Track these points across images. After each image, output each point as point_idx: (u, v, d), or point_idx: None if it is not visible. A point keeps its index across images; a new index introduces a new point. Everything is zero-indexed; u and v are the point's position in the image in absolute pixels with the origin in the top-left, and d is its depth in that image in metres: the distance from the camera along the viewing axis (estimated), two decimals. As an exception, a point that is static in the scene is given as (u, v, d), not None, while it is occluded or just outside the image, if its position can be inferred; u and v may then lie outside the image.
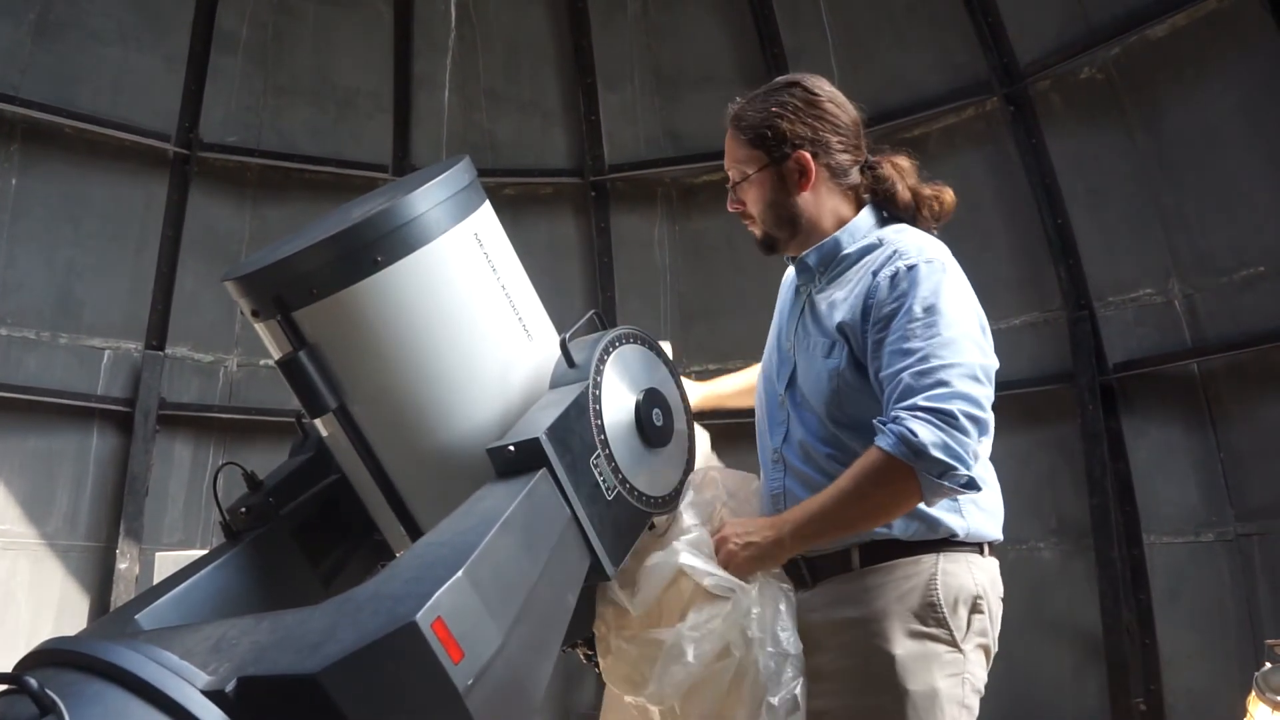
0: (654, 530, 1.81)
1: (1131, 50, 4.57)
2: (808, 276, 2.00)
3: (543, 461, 1.55)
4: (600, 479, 1.65)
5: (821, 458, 1.86)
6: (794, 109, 1.94)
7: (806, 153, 1.93)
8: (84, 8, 5.22)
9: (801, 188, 1.95)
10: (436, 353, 1.66)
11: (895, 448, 1.66)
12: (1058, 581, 4.76)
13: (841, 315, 1.86)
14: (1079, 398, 4.68)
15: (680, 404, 1.92)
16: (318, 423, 1.73)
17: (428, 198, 1.64)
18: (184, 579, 1.65)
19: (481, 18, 5.91)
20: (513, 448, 1.55)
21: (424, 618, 1.17)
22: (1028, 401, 4.82)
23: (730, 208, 2.06)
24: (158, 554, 4.89)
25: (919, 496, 1.70)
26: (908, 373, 1.71)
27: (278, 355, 1.65)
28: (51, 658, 1.23)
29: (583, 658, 1.94)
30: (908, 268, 1.80)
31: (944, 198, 1.98)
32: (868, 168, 1.98)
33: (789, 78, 2.03)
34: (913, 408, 1.67)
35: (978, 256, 4.65)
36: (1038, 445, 4.84)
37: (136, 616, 1.55)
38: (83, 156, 5.24)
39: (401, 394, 1.66)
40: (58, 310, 5.17)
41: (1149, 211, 4.57)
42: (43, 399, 5.03)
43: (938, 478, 1.65)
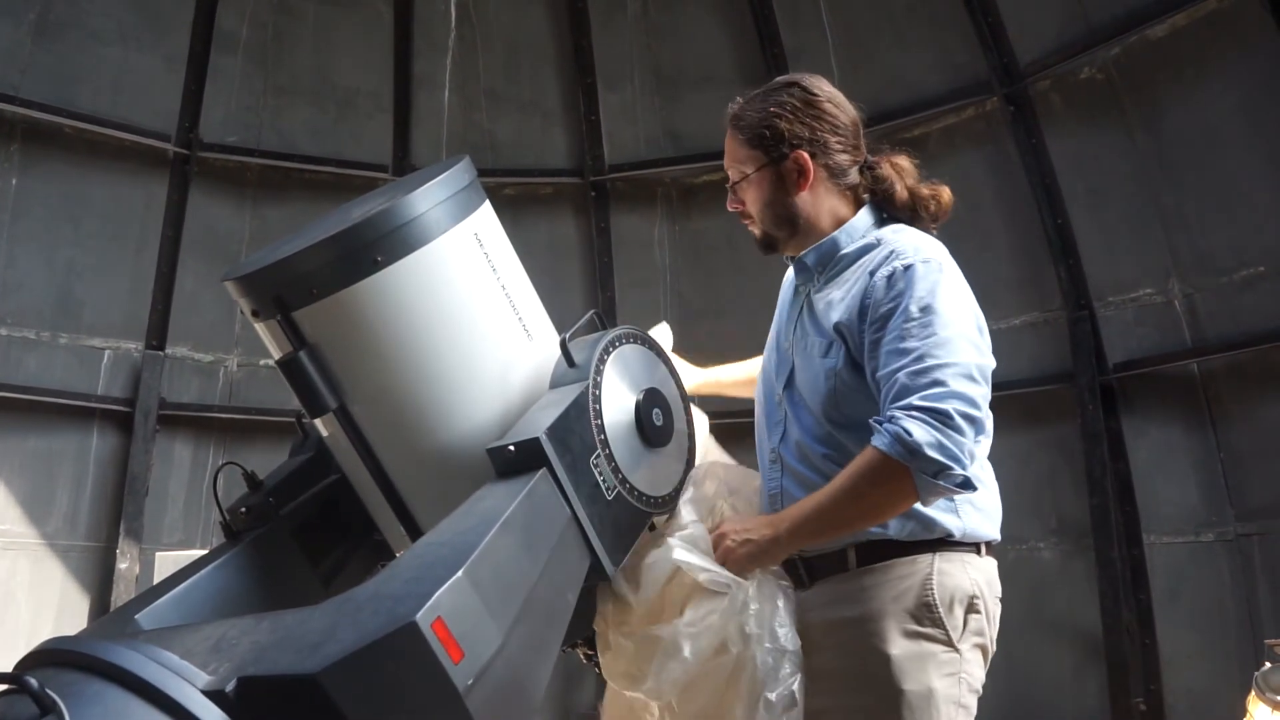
0: (654, 530, 1.81)
1: (1131, 50, 4.57)
2: (806, 276, 2.00)
3: (543, 461, 1.55)
4: (600, 479, 1.65)
5: (818, 458, 1.86)
6: (792, 109, 1.95)
7: (805, 153, 1.93)
8: (84, 8, 5.22)
9: (800, 187, 1.95)
10: (436, 353, 1.66)
11: (891, 447, 1.66)
12: (1058, 581, 4.76)
13: (838, 315, 1.86)
14: (1079, 398, 4.68)
15: (680, 403, 1.92)
16: (318, 423, 1.73)
17: (428, 198, 1.64)
18: (184, 579, 1.65)
19: (481, 18, 5.90)
20: (513, 448, 1.55)
21: (424, 618, 1.17)
22: (1028, 401, 4.82)
23: (730, 207, 2.06)
24: (158, 554, 4.89)
25: (915, 496, 1.70)
26: (903, 372, 1.71)
27: (278, 355, 1.65)
28: (52, 658, 1.23)
29: (583, 658, 1.94)
30: (904, 268, 1.80)
31: (942, 198, 1.98)
32: (867, 168, 1.98)
33: (788, 78, 2.03)
34: (908, 407, 1.67)
35: (978, 256, 4.69)
36: (1038, 445, 4.84)
37: (136, 616, 1.55)
38: (83, 156, 5.24)
39: (401, 394, 1.66)
40: (58, 310, 5.17)
41: (1149, 211, 4.57)
42: (43, 399, 5.03)
43: (933, 477, 1.65)
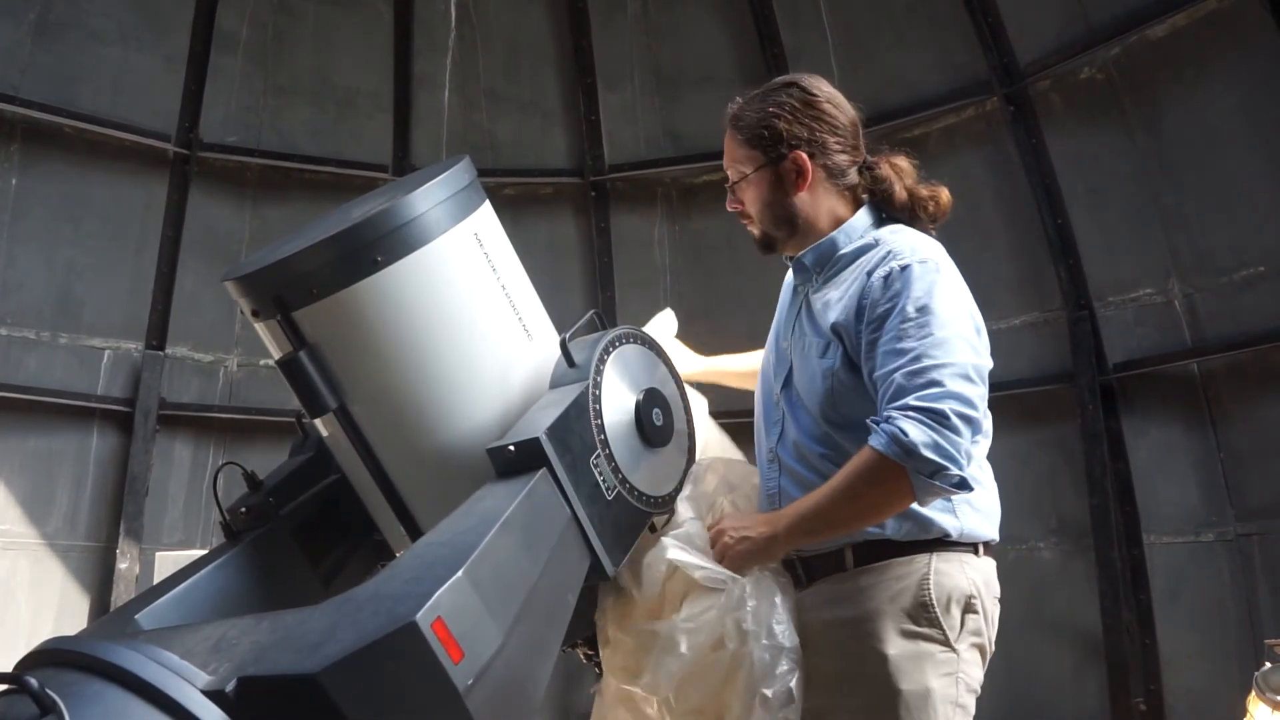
0: (654, 531, 1.81)
1: (1131, 50, 4.56)
2: (804, 276, 2.00)
3: (543, 461, 1.55)
4: (600, 479, 1.65)
5: (815, 457, 1.86)
6: (791, 109, 1.95)
7: (803, 153, 1.93)
8: (84, 8, 5.22)
9: (798, 188, 1.95)
10: (436, 353, 1.66)
11: (887, 447, 1.66)
12: (1058, 581, 4.76)
13: (836, 315, 1.86)
14: (1079, 398, 4.68)
15: (680, 403, 1.92)
16: (318, 423, 1.73)
17: (428, 198, 1.64)
18: (184, 579, 1.65)
19: (481, 18, 5.90)
20: (513, 448, 1.55)
21: (424, 618, 1.17)
22: (1028, 401, 4.82)
23: (729, 207, 2.06)
24: (158, 554, 4.89)
25: (911, 496, 1.70)
26: (900, 373, 1.71)
27: (278, 355, 1.65)
28: (52, 657, 1.23)
29: (583, 657, 1.95)
30: (901, 268, 1.80)
31: (940, 198, 1.98)
32: (866, 168, 1.99)
33: (787, 78, 2.03)
34: (905, 408, 1.67)
35: (978, 256, 4.71)
36: (1038, 445, 4.84)
37: (136, 616, 1.55)
38: (83, 156, 5.23)
39: (401, 394, 1.66)
40: (58, 310, 5.17)
41: (1149, 211, 4.57)
42: (43, 399, 5.03)
43: (929, 477, 1.65)
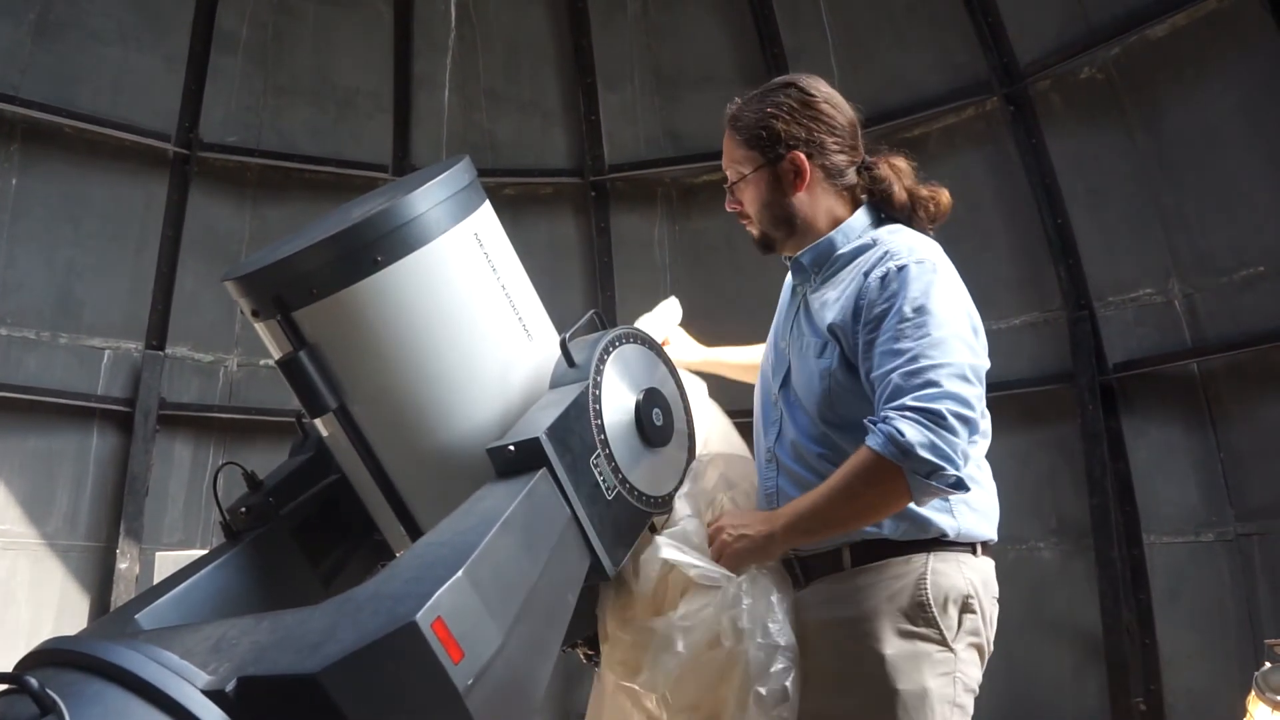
0: (654, 530, 1.81)
1: (1131, 50, 4.56)
2: (803, 276, 2.00)
3: (543, 461, 1.55)
4: (600, 479, 1.65)
5: (813, 457, 1.87)
6: (789, 110, 1.95)
7: (801, 153, 1.93)
8: (84, 8, 5.22)
9: (797, 188, 1.95)
10: (436, 353, 1.66)
11: (884, 447, 1.66)
12: (1058, 581, 4.76)
13: (832, 315, 1.86)
14: (1079, 398, 4.68)
15: (680, 402, 1.92)
16: (318, 423, 1.73)
17: (427, 198, 1.64)
18: (184, 579, 1.65)
19: (481, 18, 5.90)
20: (513, 447, 1.56)
21: (424, 618, 1.17)
22: (1028, 401, 4.82)
23: (728, 208, 2.07)
24: (158, 554, 4.89)
25: (908, 496, 1.70)
26: (897, 373, 1.71)
27: (278, 355, 1.65)
28: (52, 657, 1.23)
29: (583, 657, 1.95)
30: (898, 268, 1.80)
31: (940, 199, 1.98)
32: (864, 168, 1.99)
33: (785, 78, 2.04)
34: (901, 408, 1.68)
35: (978, 256, 4.71)
36: (1038, 445, 4.84)
37: (137, 616, 1.56)
38: (83, 156, 5.23)
39: (401, 394, 1.66)
40: (58, 310, 5.17)
41: (1149, 211, 4.57)
42: (43, 399, 5.03)
43: (926, 477, 1.65)
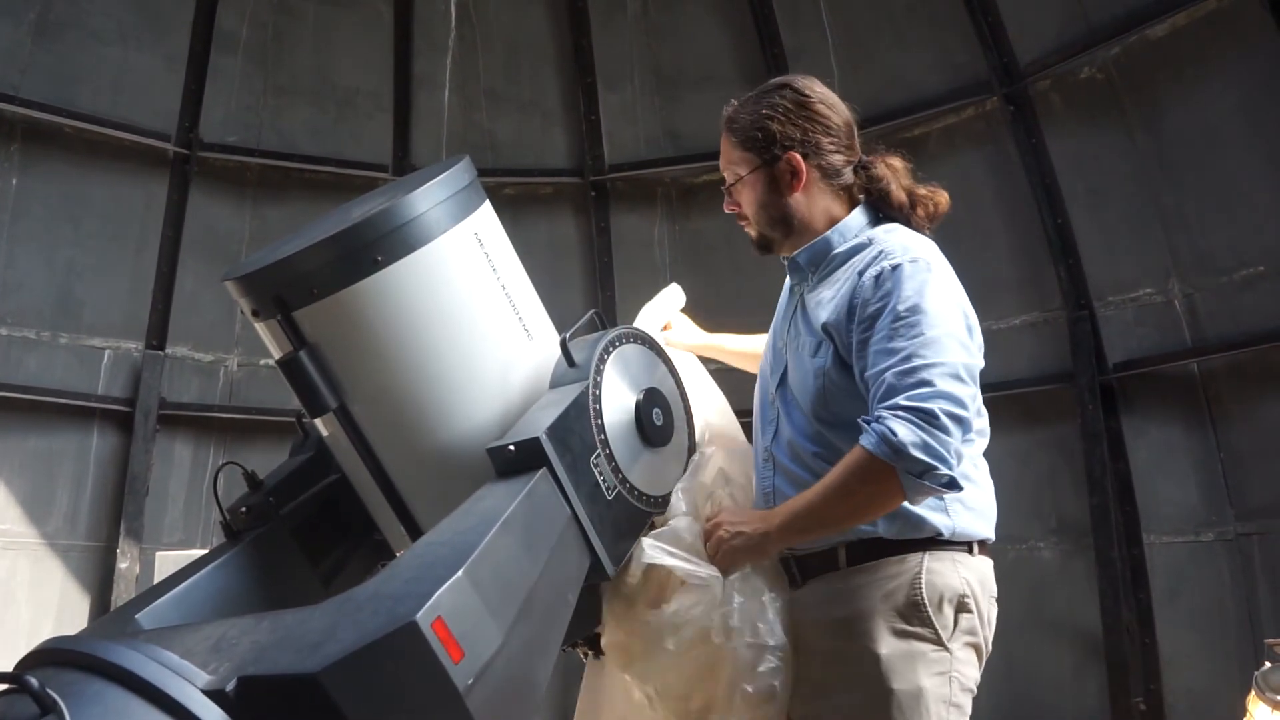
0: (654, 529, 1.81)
1: (1131, 50, 4.56)
2: (800, 276, 2.01)
3: (543, 461, 1.55)
4: (600, 478, 1.65)
5: (809, 456, 1.87)
6: (784, 111, 1.95)
7: (797, 154, 1.94)
8: (84, 8, 5.22)
9: (793, 189, 1.95)
10: (436, 352, 1.66)
11: (877, 447, 1.66)
12: (1058, 581, 4.76)
13: (827, 315, 1.87)
14: (1079, 398, 4.68)
15: (680, 403, 1.92)
16: (318, 422, 1.73)
17: (428, 197, 1.64)
18: (184, 579, 1.66)
19: (481, 18, 5.90)
20: (513, 447, 1.56)
21: (424, 617, 1.17)
22: (1028, 401, 4.82)
23: (726, 209, 2.07)
24: (158, 554, 4.89)
25: (901, 496, 1.70)
26: (890, 372, 1.71)
27: (278, 355, 1.65)
28: (52, 657, 1.23)
29: (583, 657, 1.95)
30: (892, 267, 1.80)
31: (938, 199, 1.99)
32: (861, 168, 1.99)
33: (780, 80, 2.04)
34: (894, 407, 1.68)
35: (978, 256, 4.71)
36: (1038, 445, 4.84)
37: (137, 616, 1.56)
38: (83, 156, 5.23)
39: (401, 394, 1.66)
40: (58, 310, 5.17)
41: (1149, 211, 4.57)
42: (43, 399, 5.03)
43: (918, 477, 1.66)
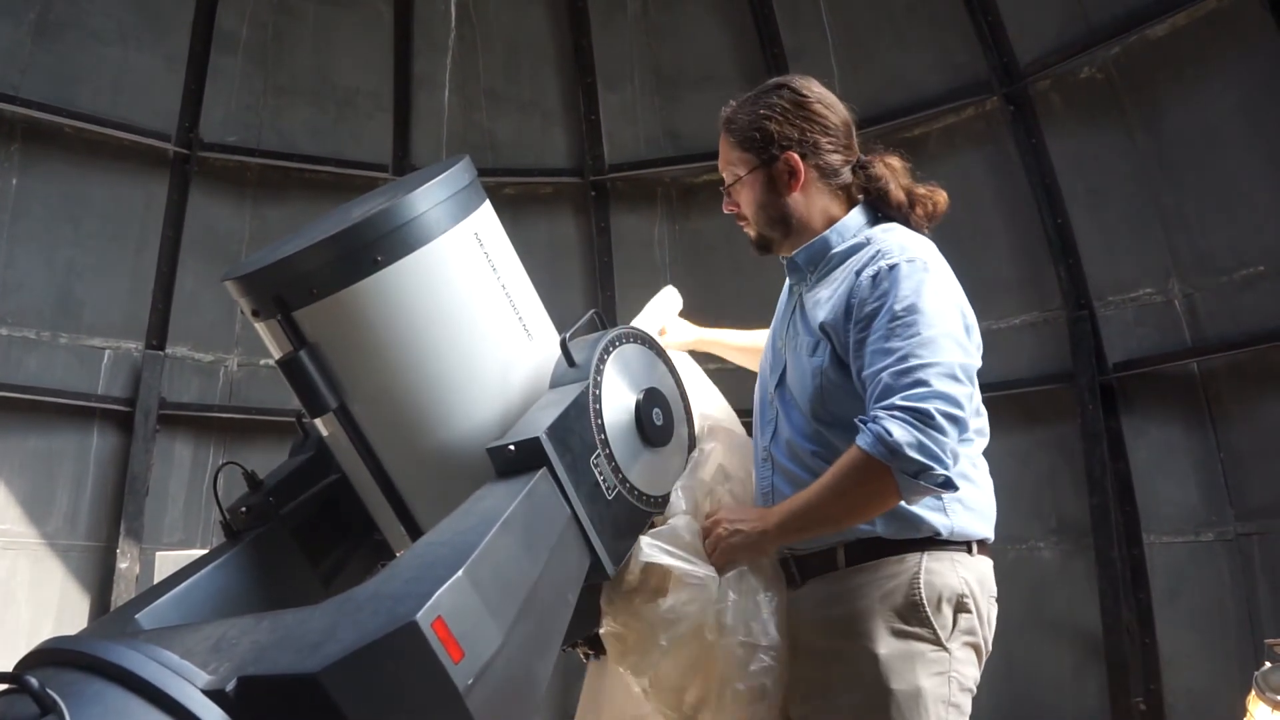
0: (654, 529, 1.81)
1: (1131, 50, 4.57)
2: (798, 276, 2.01)
3: (543, 461, 1.55)
4: (600, 478, 1.65)
5: (807, 455, 1.87)
6: (782, 111, 1.95)
7: (795, 154, 1.94)
8: (84, 8, 5.22)
9: (791, 188, 1.96)
10: (436, 352, 1.66)
11: (873, 447, 1.66)
12: (1058, 581, 4.76)
13: (824, 314, 1.87)
14: (1079, 397, 4.68)
15: (681, 403, 1.92)
16: (318, 422, 1.73)
17: (428, 197, 1.64)
18: (184, 579, 1.66)
19: (481, 18, 5.90)
20: (513, 447, 1.56)
21: (424, 617, 1.17)
22: (1028, 401, 4.82)
23: (725, 209, 2.08)
24: (158, 554, 4.89)
25: (897, 495, 1.70)
26: (887, 372, 1.72)
27: (278, 355, 1.65)
28: (52, 657, 1.23)
29: (583, 657, 1.95)
30: (889, 267, 1.80)
31: (937, 198, 1.99)
32: (860, 167, 1.99)
33: (778, 80, 2.04)
34: (890, 407, 1.68)
35: (978, 256, 4.72)
36: (1037, 445, 4.84)
37: (137, 616, 1.56)
38: (83, 156, 5.24)
39: (402, 393, 1.66)
40: (58, 310, 5.17)
41: (1149, 211, 4.57)
42: (43, 399, 5.03)
43: (914, 477, 1.66)
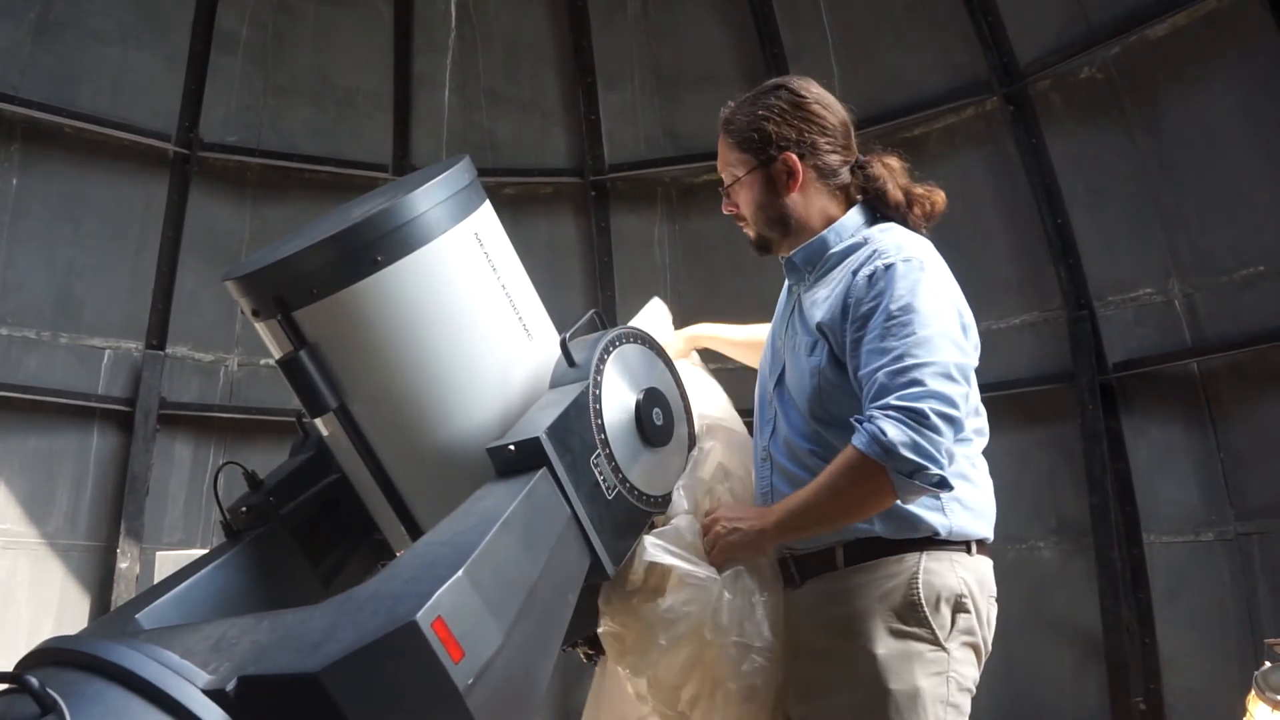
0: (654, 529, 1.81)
1: (1131, 50, 4.56)
2: (797, 276, 2.01)
3: (543, 461, 1.55)
4: (600, 478, 1.65)
5: (805, 454, 1.87)
6: (780, 111, 1.96)
7: (793, 154, 1.94)
8: (84, 8, 5.22)
9: (790, 189, 1.96)
10: (436, 352, 1.66)
11: (868, 446, 1.67)
12: (1058, 581, 4.76)
13: (821, 314, 1.87)
14: (1079, 397, 4.68)
15: (680, 403, 1.92)
16: (318, 422, 1.73)
17: (428, 197, 1.64)
18: (184, 578, 1.66)
19: (481, 18, 5.90)
20: (513, 447, 1.56)
21: (424, 617, 1.17)
22: (1028, 401, 4.82)
23: (724, 210, 2.08)
24: (158, 553, 4.89)
25: (893, 495, 1.71)
26: (882, 372, 1.72)
27: (278, 355, 1.65)
28: (52, 657, 1.23)
29: (583, 657, 1.95)
30: (885, 266, 1.81)
31: (935, 198, 1.99)
32: (858, 167, 1.99)
33: (776, 81, 2.05)
34: (886, 407, 1.68)
35: (978, 256, 4.72)
36: (1037, 445, 4.84)
37: (137, 616, 1.56)
38: (83, 156, 5.23)
39: (402, 393, 1.66)
40: (58, 310, 5.17)
41: (1149, 211, 4.57)
42: (43, 399, 5.03)
43: (909, 476, 1.66)
